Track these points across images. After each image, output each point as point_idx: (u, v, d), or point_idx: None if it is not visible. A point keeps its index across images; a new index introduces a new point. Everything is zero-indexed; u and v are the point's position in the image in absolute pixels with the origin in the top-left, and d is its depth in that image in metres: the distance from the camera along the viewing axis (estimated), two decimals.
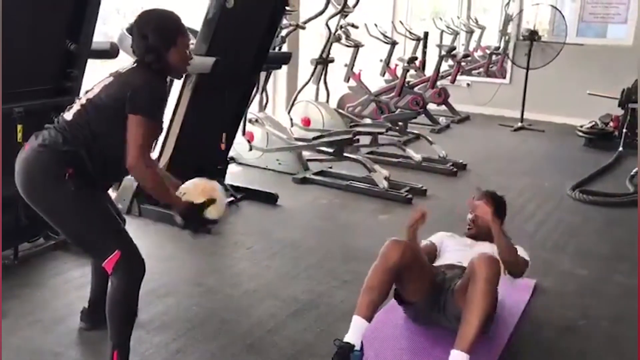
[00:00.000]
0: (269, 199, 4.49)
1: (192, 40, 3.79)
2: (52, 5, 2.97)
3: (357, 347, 2.27)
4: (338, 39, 6.44)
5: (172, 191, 2.26)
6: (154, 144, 2.39)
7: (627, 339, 2.78)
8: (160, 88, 2.24)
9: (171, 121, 4.03)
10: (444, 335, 2.52)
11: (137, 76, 2.19)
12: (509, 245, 2.68)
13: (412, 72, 7.83)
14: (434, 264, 2.78)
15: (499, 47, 9.74)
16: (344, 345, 2.25)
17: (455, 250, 2.87)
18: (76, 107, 2.24)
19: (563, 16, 7.82)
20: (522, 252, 2.78)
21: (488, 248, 2.74)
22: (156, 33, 2.19)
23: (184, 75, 2.53)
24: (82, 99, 2.25)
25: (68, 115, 2.23)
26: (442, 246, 2.94)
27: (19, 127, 2.88)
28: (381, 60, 7.98)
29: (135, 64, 2.24)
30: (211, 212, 2.29)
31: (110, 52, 3.45)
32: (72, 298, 2.89)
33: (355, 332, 2.30)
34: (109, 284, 2.24)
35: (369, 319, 2.34)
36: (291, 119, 6.05)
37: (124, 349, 2.26)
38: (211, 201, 2.27)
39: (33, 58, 2.98)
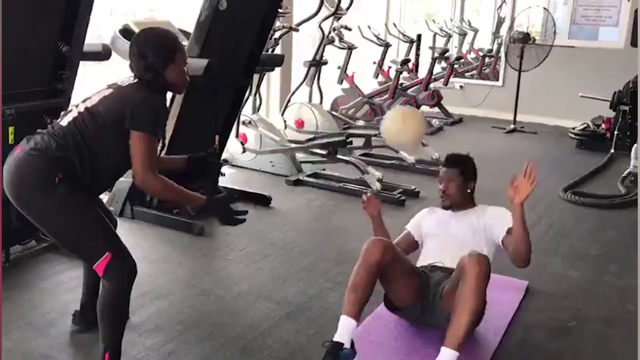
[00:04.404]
0: (262, 201, 4.49)
1: (185, 43, 3.79)
2: (44, 7, 2.96)
3: (347, 346, 2.27)
4: (331, 41, 6.46)
5: (187, 192, 2.31)
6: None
7: (618, 340, 2.80)
8: (159, 103, 2.26)
9: None
10: (435, 336, 2.52)
11: (136, 92, 2.21)
12: (527, 237, 2.49)
13: (405, 74, 7.86)
14: (417, 265, 2.76)
15: (491, 50, 9.79)
16: (333, 345, 2.26)
17: (435, 235, 2.82)
18: (72, 114, 2.25)
19: (553, 18, 7.87)
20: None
21: (465, 227, 2.73)
22: (154, 52, 2.22)
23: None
24: (80, 106, 2.26)
25: (63, 122, 2.24)
26: (421, 233, 2.91)
27: (11, 129, 2.87)
28: (374, 63, 8.01)
29: (135, 80, 2.26)
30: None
31: (103, 54, 3.45)
32: (64, 300, 2.88)
33: (343, 331, 2.31)
34: (100, 286, 2.24)
35: (356, 317, 2.34)
36: (284, 121, 6.06)
37: (115, 352, 2.26)
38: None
39: (25, 60, 2.97)
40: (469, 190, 2.84)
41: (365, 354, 2.45)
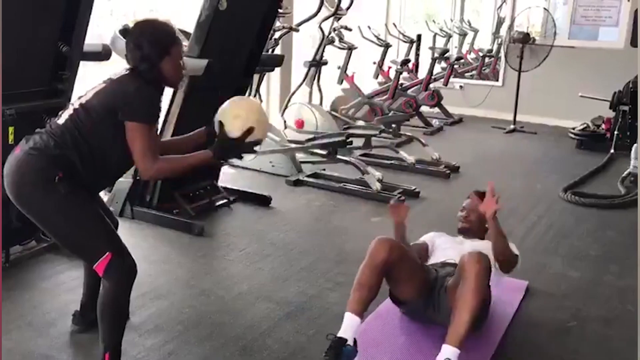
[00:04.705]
0: (262, 201, 4.49)
1: (185, 43, 3.79)
2: (44, 7, 2.96)
3: (350, 343, 2.28)
4: (331, 42, 6.46)
5: (191, 156, 2.35)
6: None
7: (618, 340, 2.80)
8: (153, 93, 2.26)
9: (164, 123, 4.02)
10: (436, 334, 2.53)
11: (128, 83, 2.21)
12: (504, 244, 2.70)
13: (405, 74, 7.86)
14: (427, 263, 2.80)
15: (491, 50, 9.79)
16: (337, 340, 2.27)
17: (446, 248, 2.90)
18: (68, 111, 2.25)
19: (553, 18, 7.87)
20: (512, 247, 2.82)
21: (479, 245, 2.77)
22: (150, 43, 2.22)
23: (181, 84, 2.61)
24: (75, 103, 2.27)
25: (60, 120, 2.25)
26: (433, 245, 2.98)
27: (11, 129, 2.87)
28: (374, 63, 8.00)
29: (128, 71, 2.26)
30: (256, 136, 2.35)
31: (103, 55, 3.45)
32: (64, 300, 2.88)
33: (347, 327, 2.32)
34: (101, 286, 2.24)
35: (360, 315, 2.36)
36: (284, 121, 6.06)
37: (115, 352, 2.26)
38: (249, 130, 2.33)
39: (25, 60, 2.97)
40: (486, 225, 2.90)
41: (366, 353, 2.45)
